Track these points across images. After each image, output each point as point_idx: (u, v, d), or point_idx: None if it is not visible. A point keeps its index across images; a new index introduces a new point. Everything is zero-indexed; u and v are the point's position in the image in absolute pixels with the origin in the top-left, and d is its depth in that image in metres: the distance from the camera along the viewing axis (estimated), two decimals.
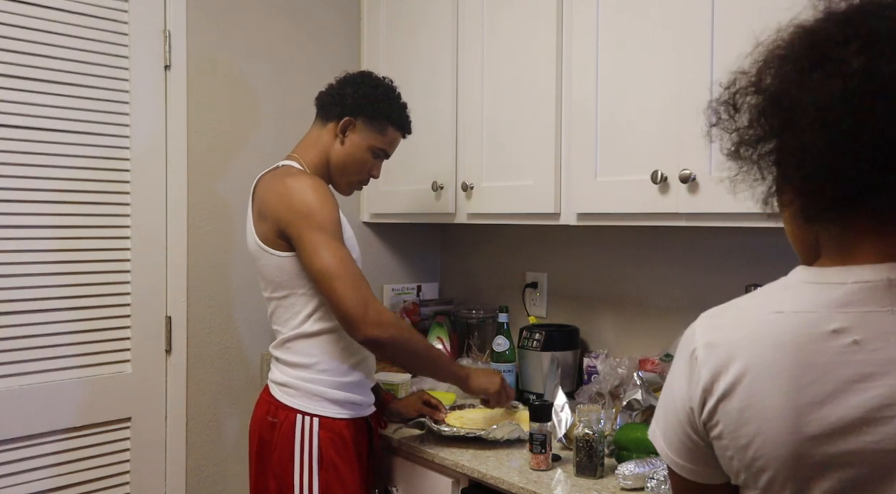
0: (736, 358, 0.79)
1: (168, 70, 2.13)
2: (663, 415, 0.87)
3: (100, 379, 2.01)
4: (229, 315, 2.29)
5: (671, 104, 1.60)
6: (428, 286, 2.71)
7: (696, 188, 1.55)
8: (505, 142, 2.02)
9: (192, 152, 2.20)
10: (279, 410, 1.71)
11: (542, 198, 1.90)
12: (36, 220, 1.90)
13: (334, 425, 1.70)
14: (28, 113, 1.87)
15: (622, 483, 1.50)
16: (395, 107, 1.86)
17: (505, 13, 2.01)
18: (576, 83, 1.81)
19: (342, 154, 1.82)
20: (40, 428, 1.91)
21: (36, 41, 1.87)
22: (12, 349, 1.87)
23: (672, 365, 0.87)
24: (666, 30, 1.61)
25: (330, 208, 1.66)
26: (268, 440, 1.72)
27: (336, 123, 1.81)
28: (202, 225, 2.23)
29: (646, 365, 1.87)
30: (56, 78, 1.91)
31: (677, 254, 2.01)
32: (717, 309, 0.87)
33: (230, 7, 2.28)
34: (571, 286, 2.31)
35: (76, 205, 1.96)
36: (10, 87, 1.85)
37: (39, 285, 1.91)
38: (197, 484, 2.22)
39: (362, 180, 1.89)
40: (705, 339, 0.82)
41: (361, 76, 1.87)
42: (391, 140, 1.87)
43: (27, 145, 1.88)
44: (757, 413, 0.76)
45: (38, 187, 1.90)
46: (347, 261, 1.62)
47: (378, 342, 1.61)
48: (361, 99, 1.81)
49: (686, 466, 0.85)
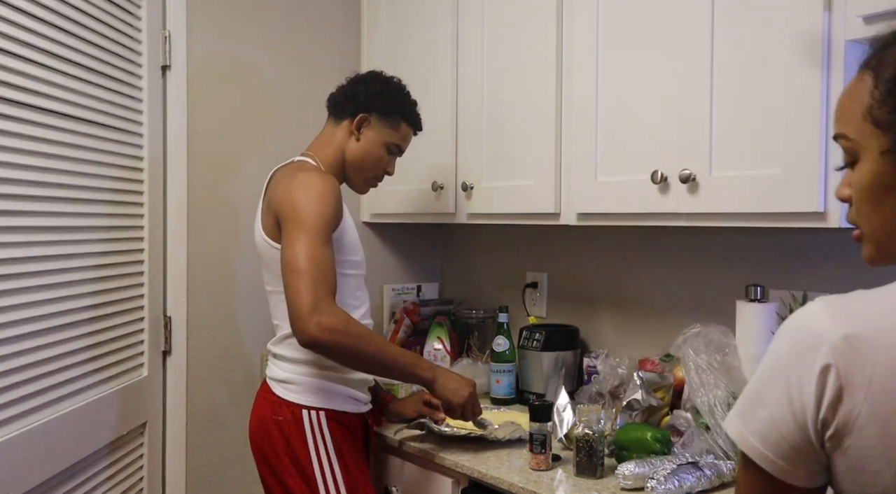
0: (886, 352, 0.71)
1: (168, 70, 2.13)
2: (762, 408, 0.79)
3: (124, 388, 1.90)
4: (229, 315, 2.29)
5: (671, 104, 1.60)
6: (428, 286, 2.71)
7: (696, 188, 1.55)
8: (505, 142, 2.02)
9: (192, 152, 2.20)
10: (284, 407, 1.69)
11: (542, 198, 1.90)
12: (50, 221, 1.62)
13: (341, 417, 1.71)
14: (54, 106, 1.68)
15: (622, 483, 1.50)
16: (407, 103, 1.88)
17: (505, 13, 2.01)
18: (576, 83, 1.81)
19: (358, 151, 1.83)
20: (79, 456, 1.68)
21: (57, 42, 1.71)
22: (38, 375, 1.54)
23: (775, 354, 0.79)
24: (666, 29, 1.61)
25: (325, 208, 1.63)
26: (276, 439, 1.69)
27: (350, 121, 1.82)
28: (202, 225, 2.23)
29: (646, 365, 1.87)
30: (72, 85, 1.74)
31: (677, 254, 2.01)
32: (836, 297, 0.78)
33: (230, 6, 2.28)
34: (571, 286, 2.30)
35: (92, 204, 1.78)
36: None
37: (58, 298, 1.63)
38: (197, 484, 2.22)
39: (378, 176, 1.90)
40: (842, 331, 0.73)
41: (372, 75, 1.89)
42: (404, 136, 1.89)
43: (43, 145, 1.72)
44: None
45: (53, 194, 1.63)
46: (317, 260, 1.57)
47: (318, 345, 1.55)
48: (374, 95, 1.82)
49: (785, 467, 0.79)
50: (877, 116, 0.80)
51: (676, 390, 1.77)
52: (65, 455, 1.62)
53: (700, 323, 1.71)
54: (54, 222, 1.61)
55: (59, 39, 1.60)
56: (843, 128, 0.85)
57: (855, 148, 0.83)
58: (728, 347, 1.64)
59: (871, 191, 0.82)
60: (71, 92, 1.65)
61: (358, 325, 1.60)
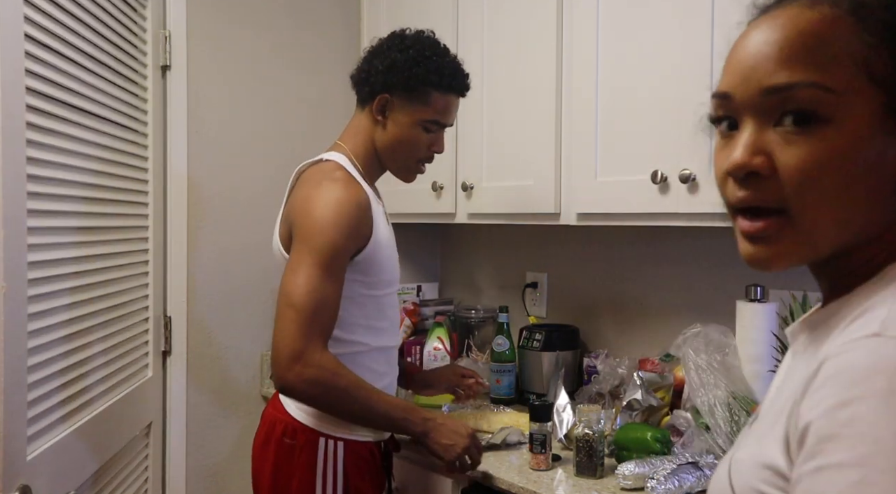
0: None
1: (168, 70, 2.13)
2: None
3: (133, 390, 1.89)
4: (229, 315, 2.29)
5: (671, 104, 1.60)
6: (428, 286, 2.71)
7: (696, 188, 1.55)
8: (505, 142, 2.02)
9: (192, 152, 2.20)
10: (298, 432, 1.53)
11: (542, 198, 1.90)
12: (66, 222, 1.54)
13: (359, 448, 1.56)
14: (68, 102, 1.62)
15: (622, 483, 1.50)
16: (434, 67, 1.57)
17: (505, 12, 2.01)
18: (576, 82, 1.81)
19: (388, 138, 1.60)
20: (95, 466, 1.64)
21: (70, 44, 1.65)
22: (60, 385, 1.47)
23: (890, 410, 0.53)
24: (666, 30, 1.61)
25: (340, 235, 1.46)
26: (285, 464, 1.53)
27: (371, 105, 1.60)
28: (202, 225, 2.23)
29: (646, 365, 1.87)
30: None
31: (677, 254, 2.01)
32: (890, 318, 0.57)
33: (230, 7, 2.28)
34: (571, 286, 2.30)
35: (103, 204, 1.73)
36: None
37: (77, 302, 1.56)
38: (197, 484, 2.22)
39: (422, 159, 1.66)
40: None
41: (389, 41, 1.62)
42: (443, 107, 1.61)
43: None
44: None
45: (69, 192, 1.56)
46: (315, 296, 1.41)
47: (295, 396, 1.46)
48: (390, 70, 1.56)
49: None
50: (875, 69, 0.62)
51: (676, 390, 1.77)
52: (83, 468, 1.57)
53: (700, 323, 1.71)
54: (70, 223, 1.54)
55: (64, 37, 1.58)
56: (817, 75, 0.62)
57: (829, 104, 0.61)
58: (728, 347, 1.64)
59: (855, 164, 0.61)
60: (86, 86, 1.60)
61: (346, 378, 1.45)
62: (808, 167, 0.62)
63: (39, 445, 1.35)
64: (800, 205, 0.63)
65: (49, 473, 1.37)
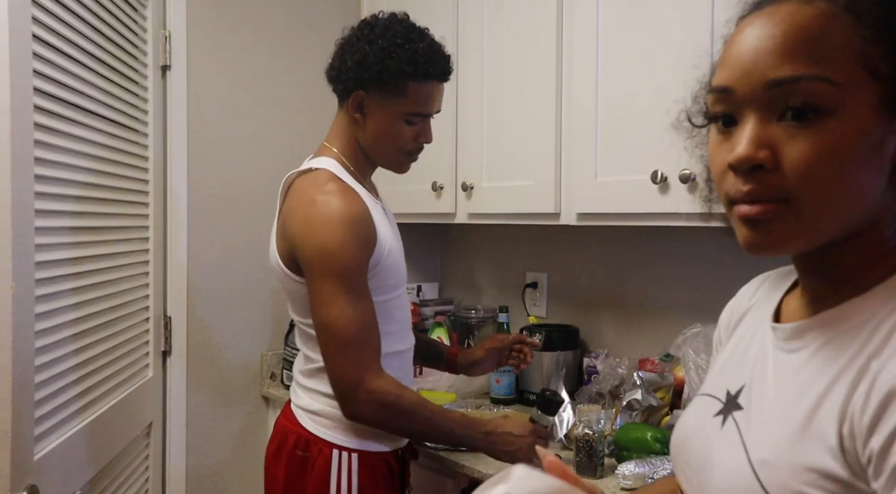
0: None
1: (168, 70, 2.13)
2: None
3: (134, 390, 1.89)
4: (229, 315, 2.29)
5: (672, 104, 1.60)
6: (428, 286, 2.71)
7: (696, 188, 1.55)
8: (505, 142, 2.02)
9: (192, 152, 2.20)
10: (311, 444, 1.50)
11: (542, 198, 1.90)
12: (70, 222, 1.54)
13: (374, 460, 1.52)
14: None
15: (622, 483, 1.50)
16: (407, 56, 1.47)
17: (505, 12, 2.01)
18: (576, 83, 1.81)
19: (370, 136, 1.54)
20: (98, 466, 1.64)
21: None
22: (66, 385, 1.47)
23: None
24: (666, 29, 1.61)
25: (351, 253, 1.42)
26: (297, 477, 1.50)
27: (348, 103, 1.54)
28: (202, 225, 2.23)
29: (646, 365, 1.87)
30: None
31: (677, 254, 2.01)
32: None
33: (230, 7, 2.28)
34: (571, 286, 2.30)
35: (105, 204, 1.73)
36: None
37: (81, 302, 1.56)
38: (197, 484, 2.22)
39: (410, 151, 1.59)
40: None
41: (359, 32, 1.54)
42: (423, 96, 1.52)
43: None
44: None
45: (71, 192, 1.56)
46: (357, 322, 1.41)
47: (365, 422, 1.47)
48: (360, 65, 1.48)
49: None
50: (873, 62, 0.63)
51: (676, 390, 1.77)
52: (87, 468, 1.56)
53: (700, 323, 1.71)
54: (71, 223, 1.53)
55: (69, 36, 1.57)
56: (820, 68, 0.63)
57: (831, 97, 0.63)
58: None
59: (857, 155, 0.63)
60: (88, 86, 1.60)
61: (409, 398, 1.47)
62: (813, 160, 0.63)
63: (46, 445, 1.35)
64: (802, 194, 0.64)
65: (55, 473, 1.37)
